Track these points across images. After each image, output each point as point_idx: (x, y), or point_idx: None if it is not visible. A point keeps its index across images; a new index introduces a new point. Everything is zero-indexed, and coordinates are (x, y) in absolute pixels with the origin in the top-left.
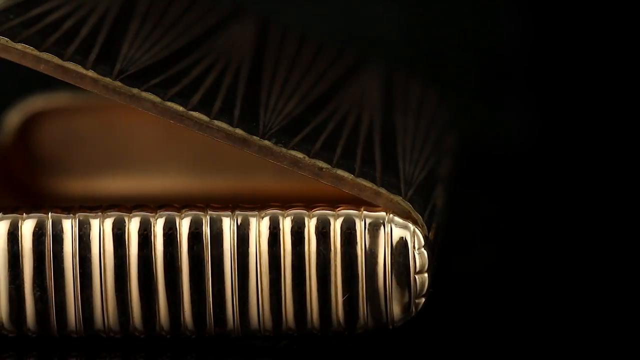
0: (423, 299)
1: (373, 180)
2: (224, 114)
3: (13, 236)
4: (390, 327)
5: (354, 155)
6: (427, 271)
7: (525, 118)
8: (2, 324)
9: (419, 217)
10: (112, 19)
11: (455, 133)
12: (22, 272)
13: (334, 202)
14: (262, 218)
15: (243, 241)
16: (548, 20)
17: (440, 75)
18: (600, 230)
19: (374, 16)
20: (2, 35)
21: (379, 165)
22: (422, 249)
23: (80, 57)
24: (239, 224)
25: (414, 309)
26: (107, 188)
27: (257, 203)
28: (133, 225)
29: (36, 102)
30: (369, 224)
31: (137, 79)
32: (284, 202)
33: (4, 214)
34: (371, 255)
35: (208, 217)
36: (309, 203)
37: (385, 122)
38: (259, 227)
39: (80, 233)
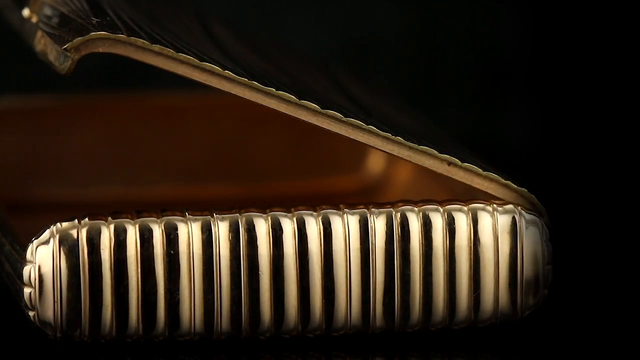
0: (547, 290)
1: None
2: (352, 112)
3: (146, 240)
4: (519, 317)
5: (451, 151)
6: (551, 262)
7: (525, 119)
8: (132, 330)
9: (543, 208)
10: (153, 19)
11: None
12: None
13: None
14: (395, 215)
15: (388, 237)
16: (548, 20)
17: (440, 76)
18: (600, 230)
19: (374, 16)
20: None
21: (476, 159)
22: (549, 241)
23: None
24: (380, 221)
25: (541, 299)
26: (45, 195)
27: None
28: (265, 226)
29: None
30: (501, 217)
31: (257, 78)
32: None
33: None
34: (503, 248)
35: (345, 216)
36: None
37: (415, 119)
38: (395, 224)
39: (231, 234)
